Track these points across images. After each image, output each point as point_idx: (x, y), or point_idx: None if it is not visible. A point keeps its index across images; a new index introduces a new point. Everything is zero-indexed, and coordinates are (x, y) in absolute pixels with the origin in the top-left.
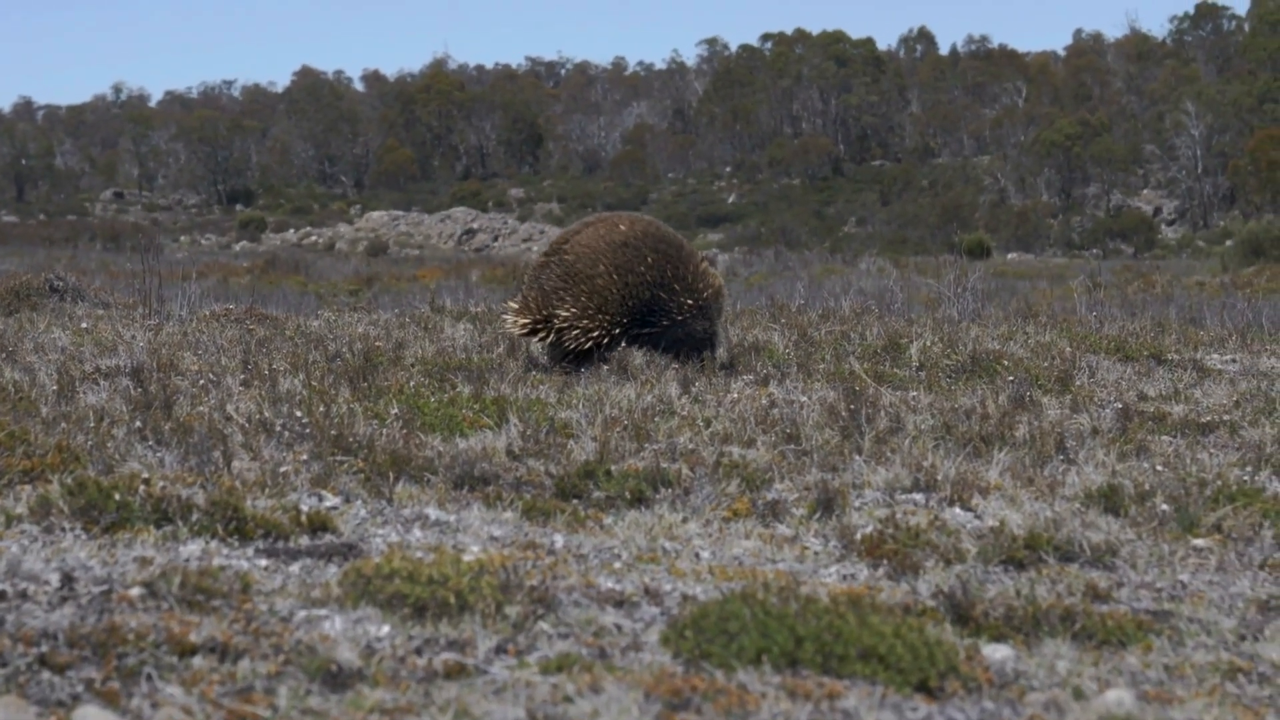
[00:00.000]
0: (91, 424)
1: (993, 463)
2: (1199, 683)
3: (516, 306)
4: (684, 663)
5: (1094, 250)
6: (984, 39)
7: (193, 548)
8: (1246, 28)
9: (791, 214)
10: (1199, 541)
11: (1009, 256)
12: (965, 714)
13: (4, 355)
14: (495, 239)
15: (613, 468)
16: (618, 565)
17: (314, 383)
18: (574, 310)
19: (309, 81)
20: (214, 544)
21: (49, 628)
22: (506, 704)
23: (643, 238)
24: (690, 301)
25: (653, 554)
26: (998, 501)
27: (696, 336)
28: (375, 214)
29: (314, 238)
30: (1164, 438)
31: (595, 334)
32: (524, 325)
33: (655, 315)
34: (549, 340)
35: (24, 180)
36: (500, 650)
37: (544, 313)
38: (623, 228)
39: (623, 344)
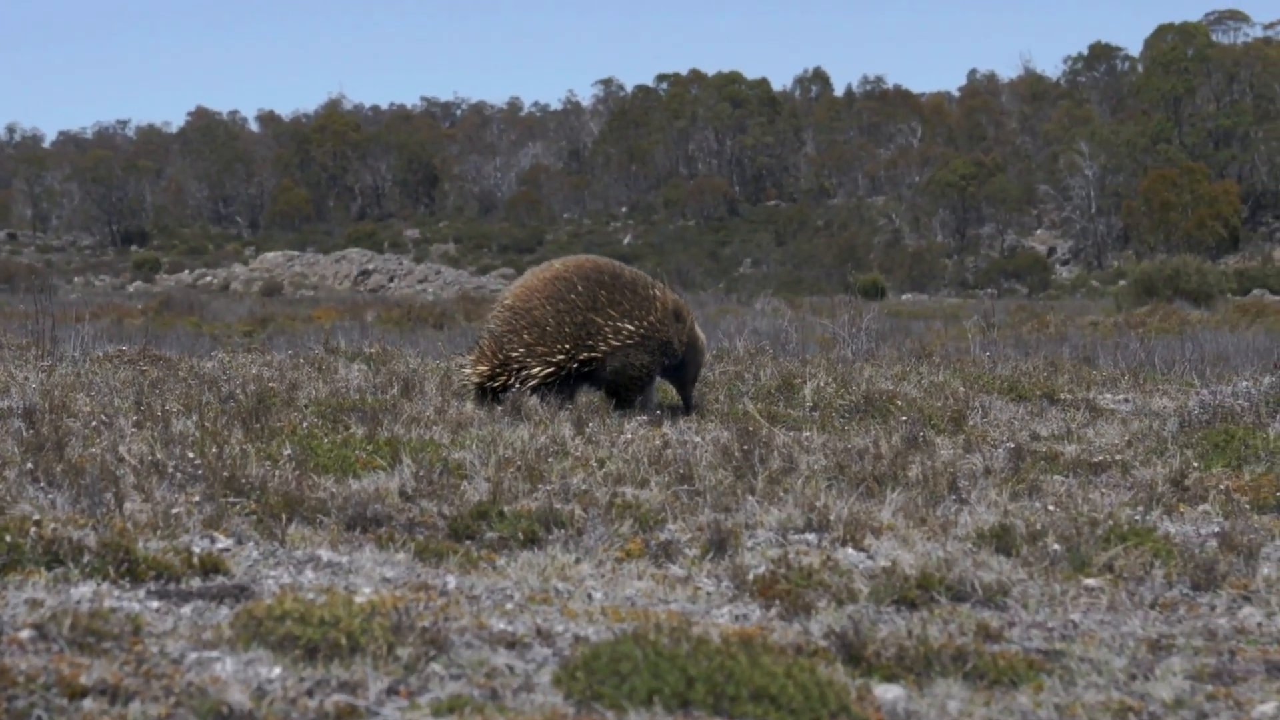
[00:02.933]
0: None
1: (885, 503)
2: None
3: (474, 357)
4: (576, 704)
5: (988, 290)
6: (879, 79)
7: (84, 590)
8: (1140, 68)
9: (687, 254)
10: (1090, 581)
11: (904, 297)
12: None
13: None
14: (391, 280)
15: (506, 509)
16: (510, 606)
17: (207, 424)
18: (521, 350)
19: (203, 121)
20: (105, 586)
21: None
22: None
23: (574, 269)
24: (631, 327)
25: (545, 595)
26: (890, 541)
27: (633, 370)
28: (270, 254)
29: (209, 278)
30: (1056, 477)
31: (550, 368)
32: (483, 373)
33: (594, 340)
34: (509, 383)
35: None
36: (392, 692)
37: (499, 356)
38: (556, 265)
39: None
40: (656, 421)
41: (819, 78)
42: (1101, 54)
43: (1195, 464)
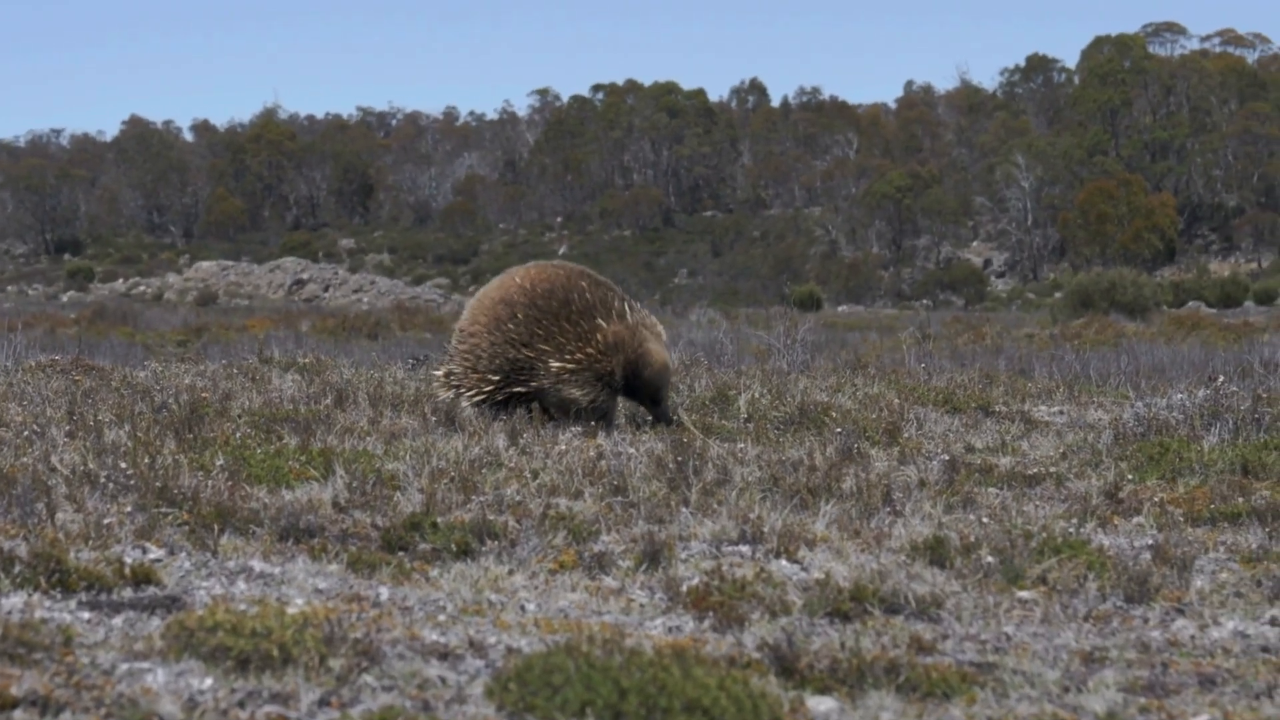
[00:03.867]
0: None
1: (820, 515)
2: None
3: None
4: (508, 715)
5: (924, 302)
6: (815, 90)
7: (14, 600)
8: (1076, 80)
9: (622, 265)
10: (1024, 593)
11: (840, 308)
12: None
13: None
14: (326, 289)
15: (439, 520)
16: (443, 618)
17: (139, 434)
18: (459, 370)
19: (138, 130)
20: (36, 596)
21: None
22: None
23: (525, 293)
24: (557, 364)
25: (478, 606)
26: (824, 553)
27: (571, 403)
28: (204, 264)
29: (143, 288)
30: (990, 490)
31: (480, 396)
32: (438, 381)
33: (524, 374)
34: (448, 395)
35: None
36: (324, 703)
37: (447, 367)
38: (516, 279)
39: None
40: (591, 433)
41: (756, 88)
42: (1038, 65)
43: (1130, 476)
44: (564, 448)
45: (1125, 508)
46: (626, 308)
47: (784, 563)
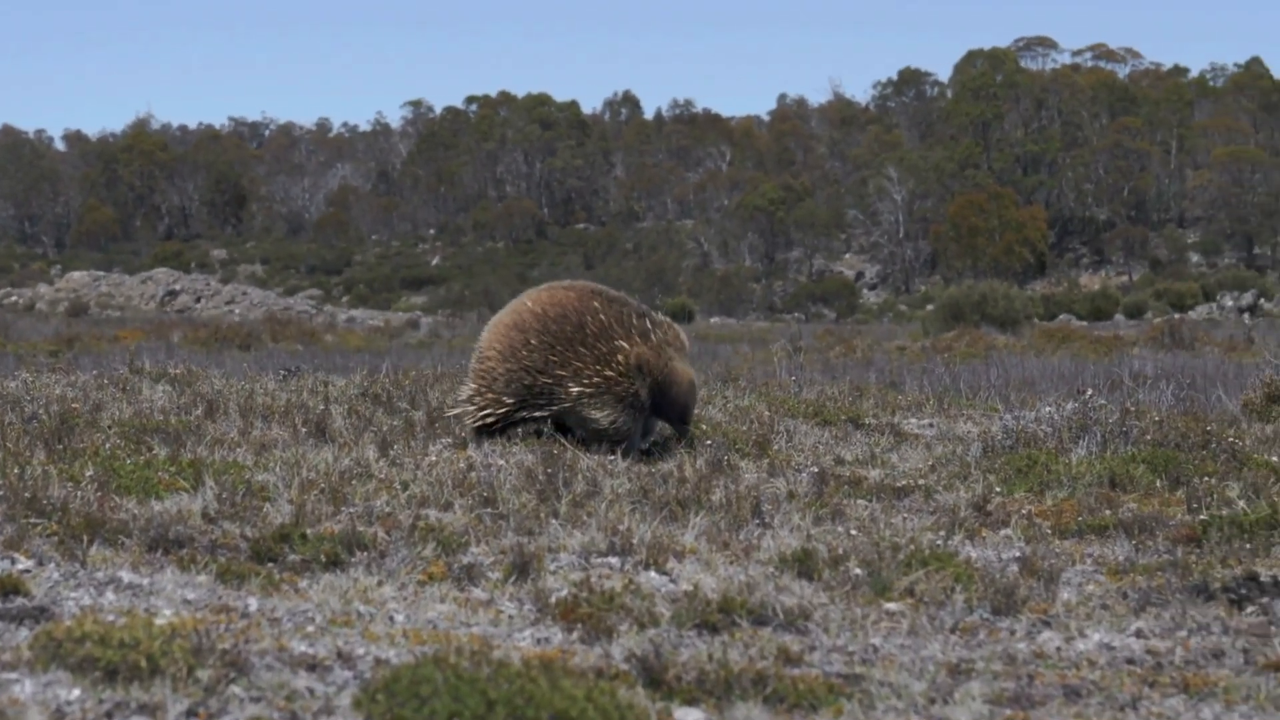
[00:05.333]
0: None
1: (689, 526)
2: None
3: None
4: None
5: (796, 314)
6: (688, 103)
7: None
8: (949, 94)
9: (495, 277)
10: (891, 605)
11: (712, 320)
12: None
13: None
14: (198, 300)
15: (309, 531)
16: (311, 629)
17: (9, 444)
18: (472, 389)
19: (9, 140)
20: None
21: None
22: None
23: (538, 318)
24: (576, 389)
25: (347, 617)
26: (693, 565)
27: (594, 424)
28: (76, 274)
29: (14, 298)
30: (859, 501)
31: (489, 414)
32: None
33: (541, 399)
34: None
35: None
36: (191, 714)
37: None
38: (528, 303)
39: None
40: (461, 444)
41: (629, 101)
42: (911, 79)
43: (998, 489)
44: (434, 459)
45: (993, 520)
46: (649, 324)
47: (653, 574)
